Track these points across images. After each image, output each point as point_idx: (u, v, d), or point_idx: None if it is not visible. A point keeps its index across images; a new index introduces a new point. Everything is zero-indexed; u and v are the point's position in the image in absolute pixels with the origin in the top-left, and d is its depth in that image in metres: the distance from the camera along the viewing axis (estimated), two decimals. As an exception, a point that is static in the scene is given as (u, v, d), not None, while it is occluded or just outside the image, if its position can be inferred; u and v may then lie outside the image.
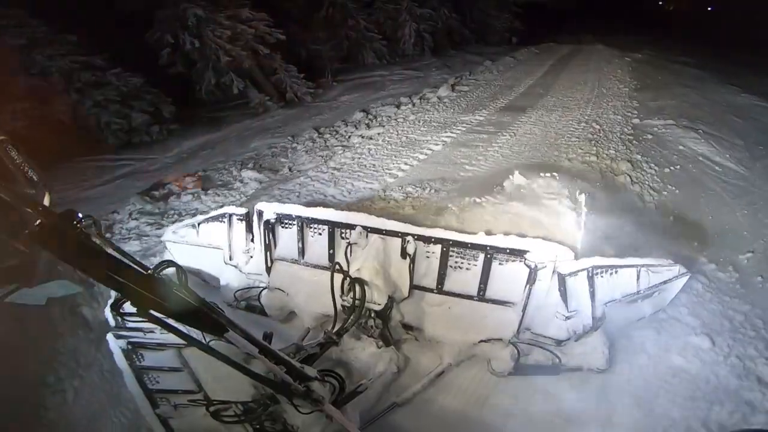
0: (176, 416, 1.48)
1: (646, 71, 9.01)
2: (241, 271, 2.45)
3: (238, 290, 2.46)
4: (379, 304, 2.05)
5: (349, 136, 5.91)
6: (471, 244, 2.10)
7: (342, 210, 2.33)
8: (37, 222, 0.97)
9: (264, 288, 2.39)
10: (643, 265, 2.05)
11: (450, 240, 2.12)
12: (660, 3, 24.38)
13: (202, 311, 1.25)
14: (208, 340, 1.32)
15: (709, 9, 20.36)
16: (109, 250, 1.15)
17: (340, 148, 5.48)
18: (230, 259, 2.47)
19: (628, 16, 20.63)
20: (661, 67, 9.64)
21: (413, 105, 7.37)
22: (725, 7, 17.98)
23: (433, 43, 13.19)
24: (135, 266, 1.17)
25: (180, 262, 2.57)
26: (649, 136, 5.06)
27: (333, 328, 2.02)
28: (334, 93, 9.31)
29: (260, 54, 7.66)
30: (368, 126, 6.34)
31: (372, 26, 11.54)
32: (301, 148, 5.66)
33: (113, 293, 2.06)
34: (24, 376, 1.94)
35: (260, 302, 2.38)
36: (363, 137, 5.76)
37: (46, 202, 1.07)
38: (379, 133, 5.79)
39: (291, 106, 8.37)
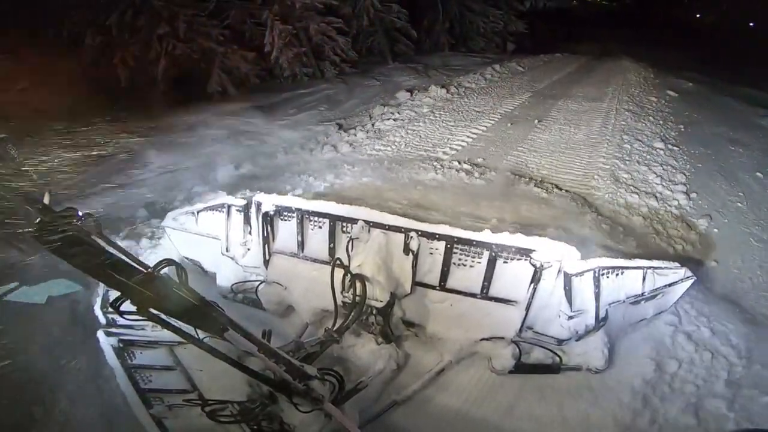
0: (171, 416, 1.43)
1: (717, 145, 4.29)
2: (237, 263, 2.38)
3: (235, 283, 2.40)
4: (380, 301, 2.01)
5: None
6: (476, 241, 2.05)
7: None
8: (37, 220, 0.95)
9: (261, 281, 2.33)
10: (649, 267, 2.03)
11: (455, 237, 2.06)
12: (698, 15, 23.24)
13: (202, 310, 1.22)
14: (203, 337, 1.28)
15: (750, 24, 19.21)
16: (109, 249, 1.11)
17: None
18: (227, 250, 2.40)
19: (662, 27, 18.93)
20: (742, 124, 4.95)
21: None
22: (766, 23, 16.61)
23: (357, 52, 8.88)
24: (135, 264, 1.14)
25: (179, 250, 2.56)
26: None
27: (334, 325, 1.97)
28: None
29: None
30: None
31: (227, 33, 6.98)
32: None
33: (101, 291, 2.02)
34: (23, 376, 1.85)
35: (257, 296, 2.32)
36: None
37: (46, 200, 1.03)
38: None
39: None
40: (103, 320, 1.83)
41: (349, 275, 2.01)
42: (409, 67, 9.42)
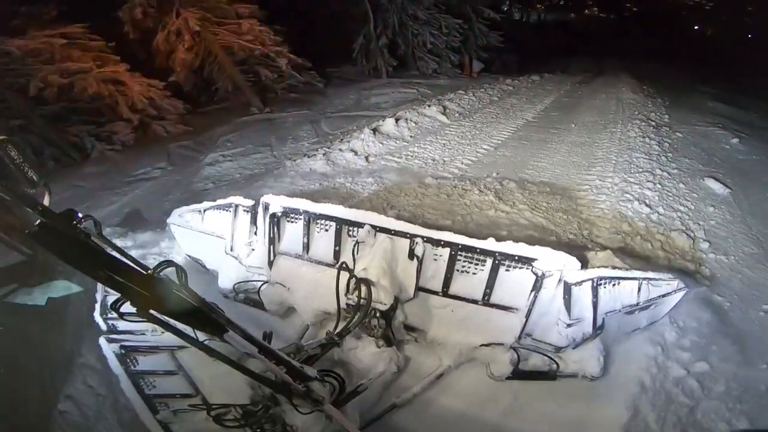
0: (177, 422, 1.43)
1: None
2: (241, 263, 2.38)
3: (237, 282, 2.40)
4: (384, 305, 2.03)
5: None
6: (480, 249, 2.08)
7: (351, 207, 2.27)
8: (37, 222, 0.94)
9: (264, 282, 2.33)
10: (644, 278, 2.09)
11: (459, 244, 2.09)
12: (696, 27, 23.28)
13: (203, 311, 1.21)
14: (203, 339, 1.28)
15: (749, 36, 19.15)
16: (109, 250, 1.10)
17: None
18: (231, 249, 2.40)
19: (662, 39, 18.37)
20: None
21: None
22: (765, 35, 16.04)
23: (195, 99, 5.61)
24: (135, 266, 1.13)
25: (182, 247, 2.53)
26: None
27: (335, 328, 1.99)
28: None
29: None
30: None
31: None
32: None
33: (100, 297, 1.99)
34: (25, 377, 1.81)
35: (259, 296, 2.32)
36: None
37: (46, 201, 1.02)
38: None
39: None
40: (103, 326, 1.82)
41: (354, 278, 2.02)
42: (271, 123, 5.37)
